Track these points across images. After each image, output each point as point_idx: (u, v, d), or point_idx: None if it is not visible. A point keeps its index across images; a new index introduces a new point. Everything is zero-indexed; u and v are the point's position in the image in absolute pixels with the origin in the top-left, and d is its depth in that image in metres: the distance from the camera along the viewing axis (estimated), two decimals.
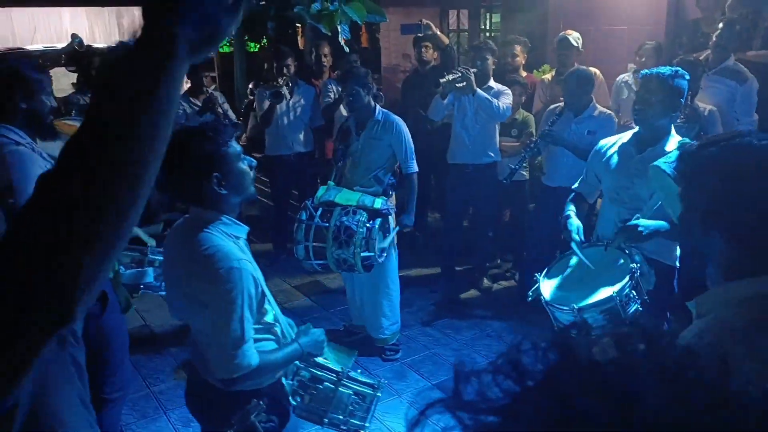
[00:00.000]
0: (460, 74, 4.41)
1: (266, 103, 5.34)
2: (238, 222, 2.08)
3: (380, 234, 3.69)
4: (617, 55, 5.24)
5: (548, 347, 0.51)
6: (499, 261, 5.43)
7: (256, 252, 6.26)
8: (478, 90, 4.46)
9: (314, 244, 3.62)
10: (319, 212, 3.64)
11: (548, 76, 5.07)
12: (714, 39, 4.42)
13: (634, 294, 2.51)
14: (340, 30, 2.99)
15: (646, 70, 2.99)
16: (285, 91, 5.28)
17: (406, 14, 7.64)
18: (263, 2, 4.16)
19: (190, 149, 1.92)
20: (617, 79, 4.99)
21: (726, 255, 1.26)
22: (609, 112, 4.32)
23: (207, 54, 0.83)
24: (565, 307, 2.48)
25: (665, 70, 2.90)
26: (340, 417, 2.31)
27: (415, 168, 4.14)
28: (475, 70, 4.50)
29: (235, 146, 2.04)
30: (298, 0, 2.91)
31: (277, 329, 2.15)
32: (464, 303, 4.89)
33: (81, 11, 11.07)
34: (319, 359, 2.30)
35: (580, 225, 2.92)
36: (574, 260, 2.80)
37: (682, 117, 3.84)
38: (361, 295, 4.26)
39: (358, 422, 2.36)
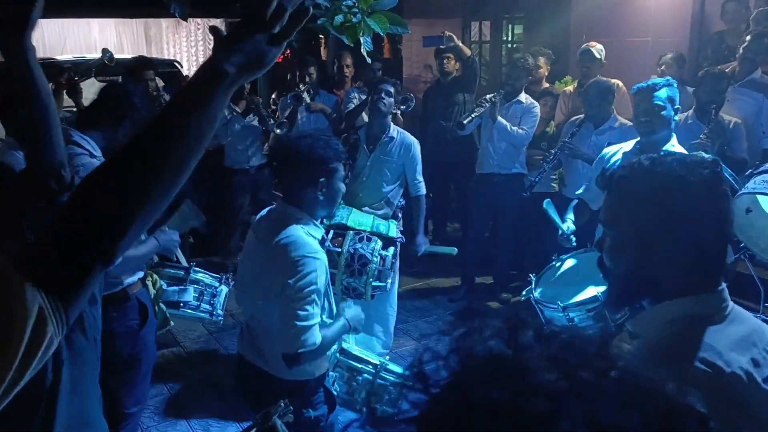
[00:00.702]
0: (484, 108, 4.46)
1: (288, 110, 5.41)
2: (318, 224, 2.35)
3: (393, 262, 3.58)
4: (641, 67, 5.21)
5: (448, 353, 0.55)
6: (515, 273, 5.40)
7: None
8: (499, 118, 4.52)
9: None
10: (330, 235, 3.48)
11: (570, 88, 5.07)
12: (741, 51, 4.38)
13: None
14: (362, 41, 3.03)
15: (641, 84, 3.01)
16: (306, 95, 5.33)
17: (429, 25, 7.69)
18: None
19: (313, 153, 2.25)
20: None
21: (662, 275, 1.20)
22: (629, 123, 4.30)
23: (253, 77, 1.06)
24: (552, 305, 2.51)
25: (659, 81, 2.96)
26: (379, 406, 2.48)
27: (424, 190, 4.10)
28: (493, 96, 4.55)
29: (341, 167, 2.35)
30: (322, 12, 2.94)
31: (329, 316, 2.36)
32: (483, 314, 4.87)
33: (110, 22, 11.30)
34: (360, 352, 2.49)
35: (573, 228, 2.99)
36: (568, 263, 2.83)
37: (706, 131, 3.81)
38: None
39: (393, 411, 2.46)
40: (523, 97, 4.67)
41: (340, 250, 3.42)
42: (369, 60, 3.40)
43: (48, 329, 0.89)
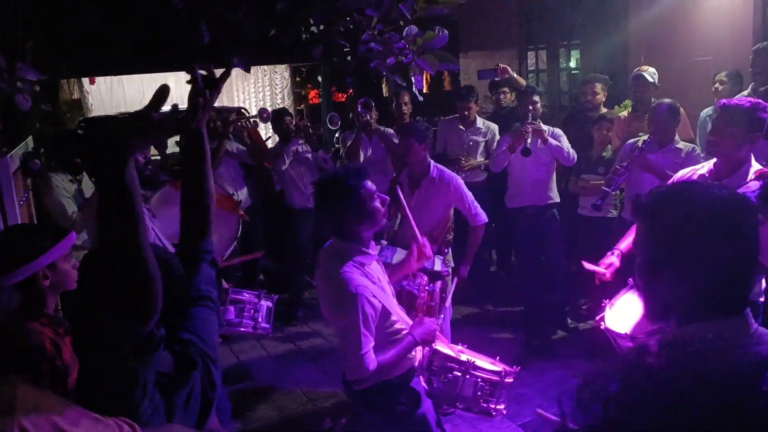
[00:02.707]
0: (529, 133, 4.45)
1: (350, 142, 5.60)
2: (367, 250, 2.52)
3: (444, 297, 3.61)
4: (702, 87, 5.11)
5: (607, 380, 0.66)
6: (582, 300, 5.32)
7: None
8: (550, 139, 4.52)
9: None
10: None
11: (625, 113, 5.03)
12: None
13: None
14: (413, 81, 3.15)
15: (724, 100, 2.94)
16: (370, 119, 5.48)
17: (486, 57, 7.79)
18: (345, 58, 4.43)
19: (332, 192, 2.45)
20: (702, 113, 4.87)
21: (691, 298, 1.24)
22: (693, 145, 4.23)
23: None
24: (624, 336, 2.48)
25: (744, 102, 2.85)
26: (471, 401, 2.66)
27: (485, 219, 4.08)
28: (536, 123, 4.54)
29: (369, 185, 2.47)
30: (375, 55, 3.09)
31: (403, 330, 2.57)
32: (550, 343, 4.82)
33: (183, 74, 12.00)
34: (448, 351, 2.69)
35: (616, 263, 2.99)
36: None
37: None
38: None
39: (486, 405, 2.68)
40: (542, 125, 4.65)
41: None
42: (420, 98, 3.53)
43: None
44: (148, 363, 1.41)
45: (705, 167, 3.02)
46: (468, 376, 2.65)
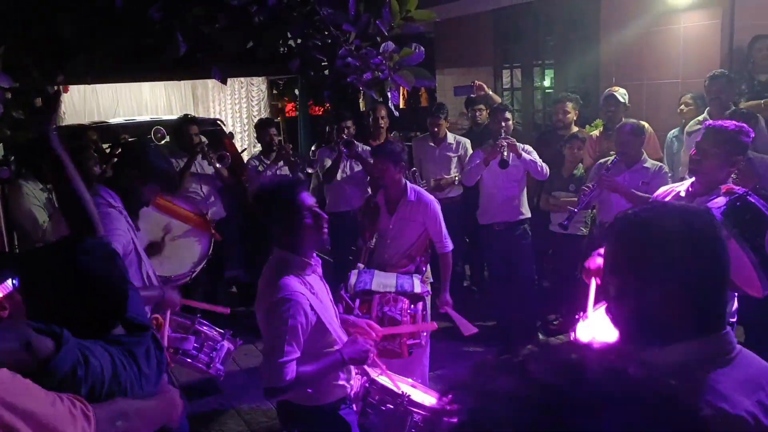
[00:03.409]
0: (504, 146, 4.52)
1: (328, 162, 5.61)
2: (308, 261, 2.50)
3: (425, 315, 3.58)
4: (670, 108, 5.24)
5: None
6: (553, 316, 5.38)
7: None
8: (524, 153, 4.59)
9: None
10: (357, 303, 3.49)
11: (596, 132, 5.14)
12: None
13: None
14: (389, 96, 3.17)
15: (710, 121, 3.01)
16: (354, 142, 5.53)
17: (462, 74, 7.89)
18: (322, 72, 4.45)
19: (268, 203, 2.47)
20: (668, 134, 5.00)
21: (667, 318, 1.23)
22: (660, 164, 4.33)
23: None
24: None
25: (730, 124, 2.92)
26: None
27: (451, 246, 4.10)
28: (510, 138, 4.62)
29: (303, 198, 2.47)
30: (352, 70, 3.11)
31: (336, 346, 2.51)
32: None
33: (159, 85, 11.91)
34: (387, 382, 2.62)
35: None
36: None
37: (735, 172, 3.79)
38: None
39: None
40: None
41: (369, 317, 3.41)
42: (396, 113, 3.56)
43: None
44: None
45: (683, 186, 3.07)
46: (403, 410, 2.56)
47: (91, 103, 11.23)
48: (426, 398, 2.74)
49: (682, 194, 3.05)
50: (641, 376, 0.66)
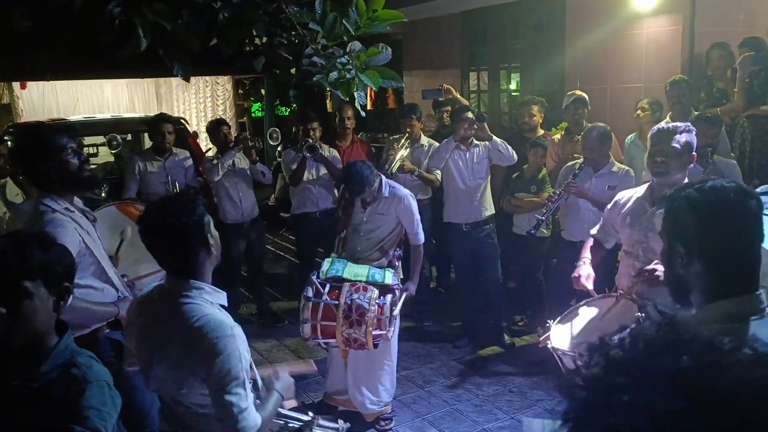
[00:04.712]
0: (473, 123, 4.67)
1: (294, 164, 5.55)
2: (217, 289, 2.04)
3: (393, 309, 3.60)
4: (632, 113, 5.33)
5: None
6: (518, 317, 5.43)
7: (284, 309, 6.38)
8: (494, 137, 4.70)
9: (323, 323, 3.48)
10: (327, 289, 3.52)
11: (557, 136, 5.19)
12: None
13: None
14: (356, 96, 3.15)
15: (663, 125, 3.04)
16: (319, 144, 5.47)
17: (430, 77, 7.91)
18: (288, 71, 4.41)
19: (171, 220, 1.93)
20: (627, 138, 5.08)
21: (706, 281, 1.45)
22: (627, 168, 4.39)
23: None
24: (570, 353, 2.53)
25: (678, 124, 2.96)
26: None
27: (422, 239, 4.16)
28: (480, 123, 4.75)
29: (206, 215, 2.03)
30: (318, 69, 3.08)
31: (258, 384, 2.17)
32: (486, 359, 4.89)
33: (121, 82, 11.68)
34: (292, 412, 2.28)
35: (592, 273, 2.97)
36: (585, 309, 2.85)
37: (704, 174, 3.86)
38: (355, 370, 3.92)
39: None
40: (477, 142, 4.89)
41: (337, 302, 3.48)
42: (363, 114, 3.54)
43: None
44: None
45: (641, 190, 3.10)
46: None
47: (50, 100, 10.95)
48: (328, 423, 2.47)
49: (641, 197, 3.07)
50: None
